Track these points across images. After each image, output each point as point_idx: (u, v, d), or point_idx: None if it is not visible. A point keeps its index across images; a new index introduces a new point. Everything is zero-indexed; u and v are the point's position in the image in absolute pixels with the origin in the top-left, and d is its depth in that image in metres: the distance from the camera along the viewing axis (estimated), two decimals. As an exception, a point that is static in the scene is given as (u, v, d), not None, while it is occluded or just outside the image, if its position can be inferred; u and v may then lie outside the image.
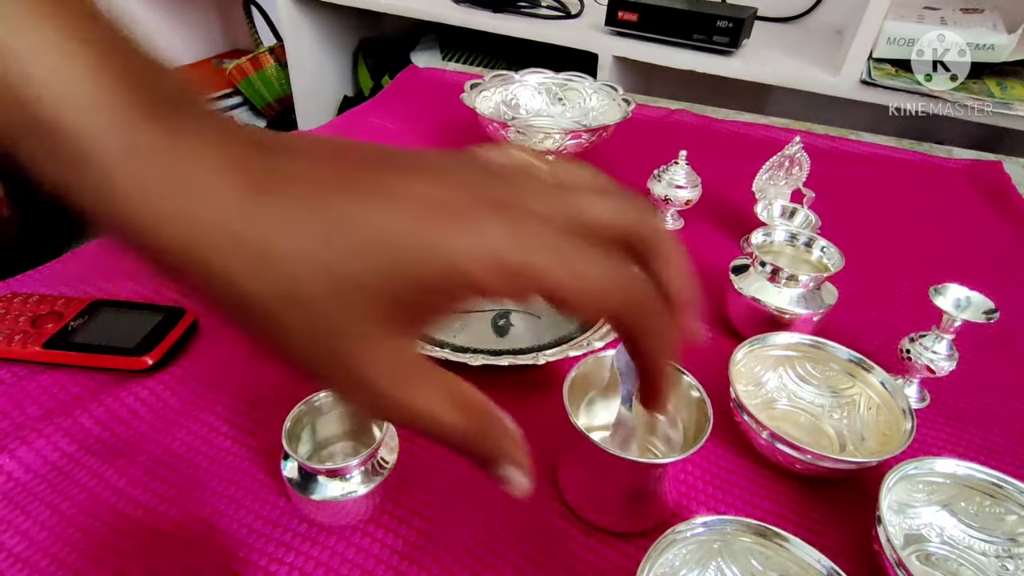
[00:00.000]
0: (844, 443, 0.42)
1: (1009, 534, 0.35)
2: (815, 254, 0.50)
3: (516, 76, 0.76)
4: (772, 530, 0.31)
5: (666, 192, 0.63)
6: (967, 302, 0.42)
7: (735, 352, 0.43)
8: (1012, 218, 0.71)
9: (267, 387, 0.43)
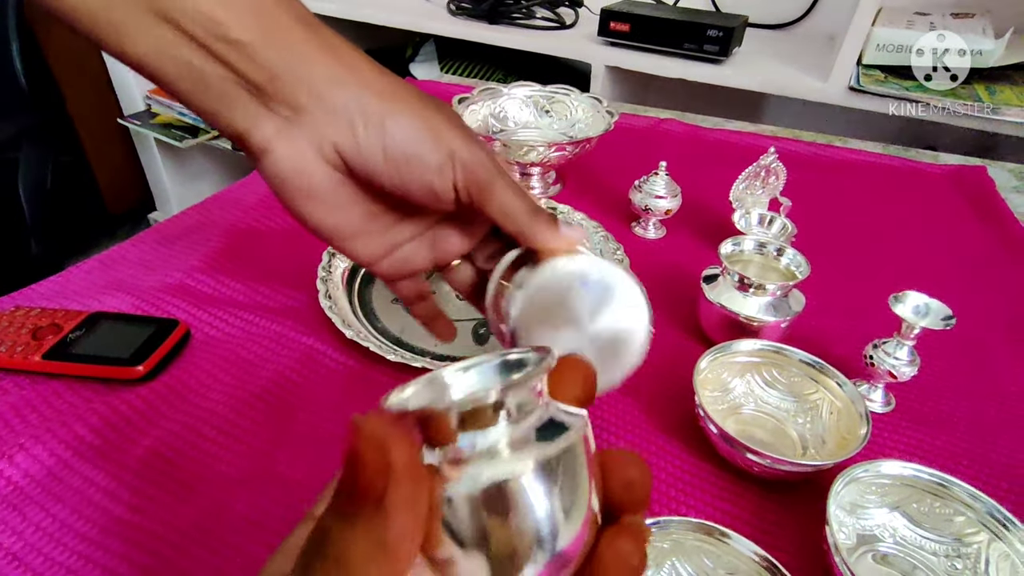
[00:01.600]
0: (806, 446, 0.43)
1: (957, 534, 0.36)
2: (783, 262, 0.51)
3: (504, 89, 0.78)
4: (714, 527, 0.33)
5: (646, 202, 0.64)
6: (926, 309, 0.44)
7: (700, 360, 0.44)
8: (993, 222, 0.72)
9: (253, 395, 0.45)
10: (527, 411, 0.18)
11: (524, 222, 0.28)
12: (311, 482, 0.39)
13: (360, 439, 0.14)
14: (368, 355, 0.48)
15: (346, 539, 0.15)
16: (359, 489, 0.14)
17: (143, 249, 0.60)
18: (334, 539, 0.15)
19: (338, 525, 0.15)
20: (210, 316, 0.52)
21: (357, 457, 0.14)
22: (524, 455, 0.17)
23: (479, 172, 0.28)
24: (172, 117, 1.62)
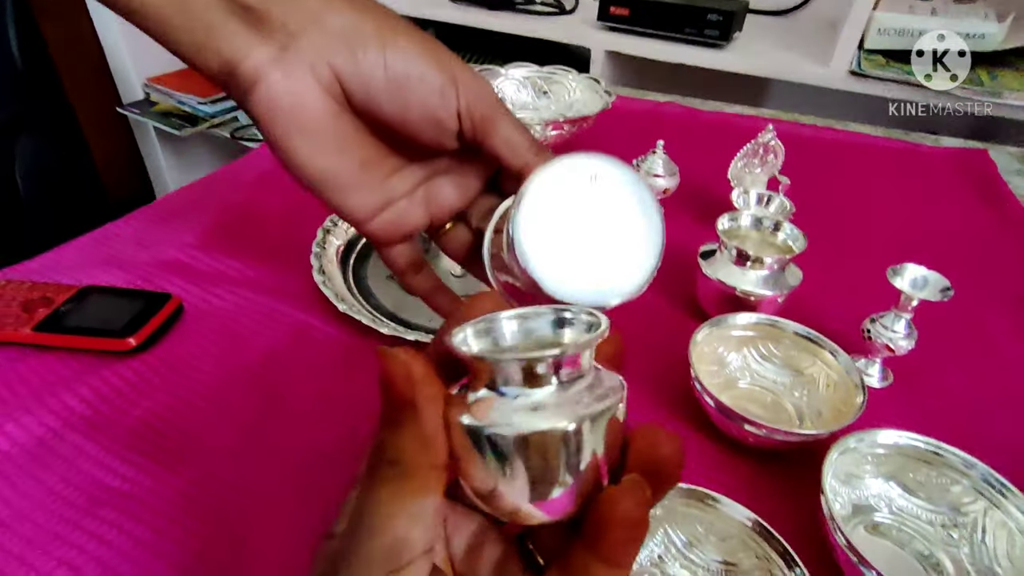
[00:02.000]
0: (802, 418, 0.43)
1: (953, 503, 0.36)
2: (780, 237, 0.51)
3: (501, 70, 0.77)
4: (705, 492, 0.32)
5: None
6: (924, 281, 0.43)
7: (695, 333, 0.44)
8: (994, 204, 0.71)
9: (245, 368, 0.45)
10: (574, 374, 0.19)
11: (528, 155, 0.27)
12: (300, 453, 0.39)
13: (387, 361, 0.18)
14: (361, 329, 0.47)
15: (395, 441, 0.18)
16: (395, 398, 0.18)
17: (136, 226, 0.60)
18: (387, 444, 0.19)
19: (386, 432, 0.19)
20: (203, 291, 0.51)
21: (387, 374, 0.18)
22: (563, 413, 0.18)
23: (483, 101, 0.27)
24: (171, 106, 1.61)
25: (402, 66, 0.26)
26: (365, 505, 0.19)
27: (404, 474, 0.18)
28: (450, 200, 0.31)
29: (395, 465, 0.18)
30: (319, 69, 0.26)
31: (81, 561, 0.33)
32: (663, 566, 0.33)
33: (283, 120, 0.27)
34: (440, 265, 0.57)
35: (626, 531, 0.17)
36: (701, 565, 0.33)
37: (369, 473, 0.19)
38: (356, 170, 0.29)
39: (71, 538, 0.34)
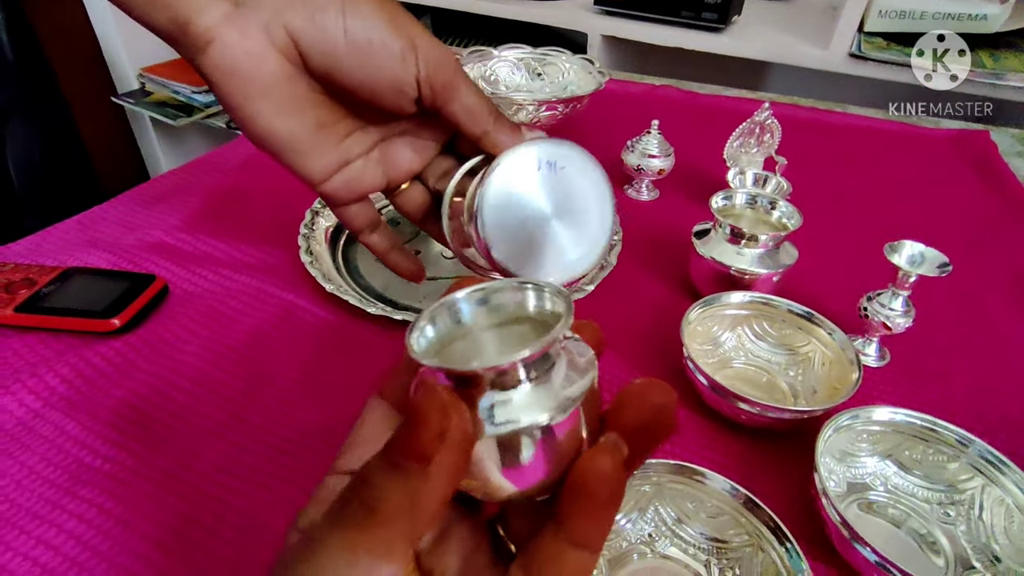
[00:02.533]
0: (797, 397, 0.42)
1: (950, 481, 0.35)
2: (775, 216, 0.50)
3: (495, 51, 0.76)
4: (691, 467, 0.32)
5: (639, 162, 0.63)
6: (921, 258, 0.42)
7: (688, 312, 0.43)
8: (994, 185, 0.70)
9: (230, 348, 0.44)
10: (547, 366, 0.18)
11: (487, 123, 0.27)
12: (285, 432, 0.38)
13: (427, 400, 0.15)
14: (348, 310, 0.47)
15: (384, 487, 0.15)
16: (412, 446, 0.15)
17: (122, 210, 0.59)
18: (373, 484, 0.16)
19: (381, 474, 0.15)
20: (189, 272, 0.50)
21: (421, 417, 0.15)
22: (541, 407, 0.17)
23: (443, 67, 0.27)
24: (166, 95, 1.60)
25: (362, 31, 0.26)
26: (321, 542, 0.16)
27: (375, 525, 0.15)
28: (407, 162, 0.31)
29: (369, 511, 0.15)
30: (274, 30, 0.25)
31: (60, 540, 0.32)
32: (653, 544, 0.33)
33: (238, 82, 0.26)
34: (432, 248, 0.57)
35: (601, 489, 0.16)
36: (692, 542, 0.32)
37: (334, 511, 0.16)
38: (311, 132, 0.28)
39: (50, 517, 0.33)
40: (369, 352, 0.44)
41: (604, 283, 0.49)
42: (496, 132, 0.27)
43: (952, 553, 0.33)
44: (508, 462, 0.17)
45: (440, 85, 0.27)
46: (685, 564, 0.32)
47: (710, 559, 0.32)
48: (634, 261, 0.55)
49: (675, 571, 0.32)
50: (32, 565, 0.31)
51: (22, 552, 0.31)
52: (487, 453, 0.17)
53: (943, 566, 0.33)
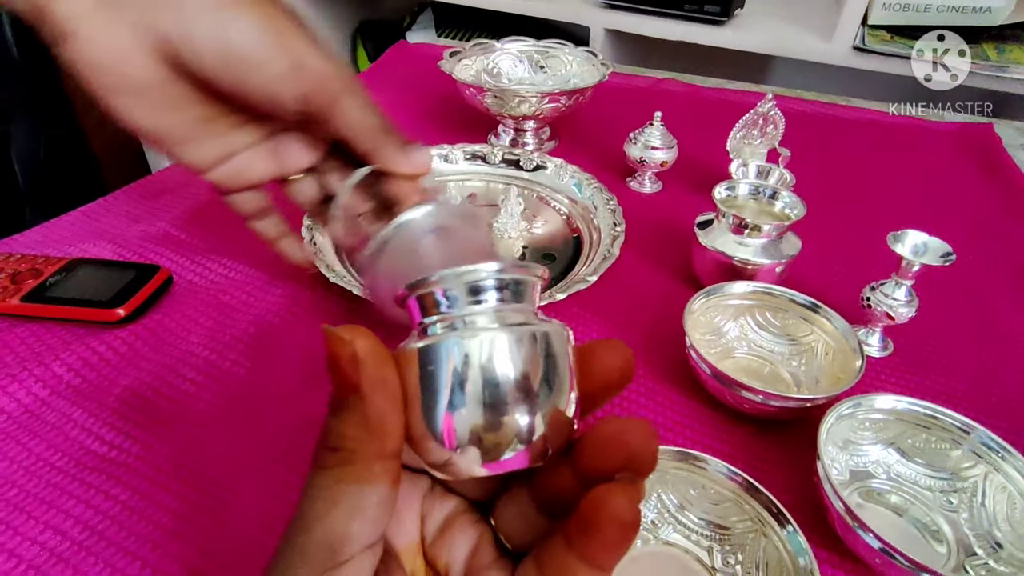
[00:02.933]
0: (800, 387, 0.42)
1: (953, 469, 0.35)
2: (778, 206, 0.50)
3: (497, 44, 0.76)
4: (691, 453, 0.32)
5: (641, 154, 0.63)
6: (925, 247, 0.42)
7: (691, 302, 0.43)
8: (997, 178, 0.70)
9: (234, 337, 0.44)
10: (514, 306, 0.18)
11: (373, 142, 0.26)
12: (289, 419, 0.38)
13: (331, 341, 0.16)
14: (352, 299, 0.47)
15: (338, 426, 0.17)
16: (337, 381, 0.16)
17: (127, 201, 0.59)
18: (329, 430, 0.17)
19: (330, 418, 0.17)
20: (193, 263, 0.51)
21: (331, 356, 0.16)
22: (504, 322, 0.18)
23: (327, 85, 0.26)
24: (168, 91, 1.61)
25: (239, 45, 0.24)
26: (303, 496, 0.17)
27: (344, 461, 0.16)
28: (298, 156, 0.30)
29: (335, 452, 0.17)
30: (143, 32, 0.24)
31: (67, 525, 0.32)
32: (656, 530, 0.33)
33: (102, 77, 0.25)
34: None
35: (616, 532, 0.16)
36: (694, 528, 0.33)
37: (312, 461, 0.17)
38: (192, 126, 0.27)
39: (57, 502, 0.33)
40: (373, 342, 0.44)
41: (607, 274, 0.49)
42: (382, 153, 0.27)
43: (954, 540, 0.33)
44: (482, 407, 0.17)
45: (320, 105, 0.26)
46: (688, 550, 0.32)
47: (713, 545, 0.32)
48: (637, 253, 0.55)
49: (678, 557, 0.32)
50: (40, 549, 0.31)
51: (30, 537, 0.32)
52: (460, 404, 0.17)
53: (945, 553, 0.33)
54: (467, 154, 0.66)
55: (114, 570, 0.30)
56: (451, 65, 0.70)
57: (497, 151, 0.66)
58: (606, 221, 0.56)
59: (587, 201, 0.60)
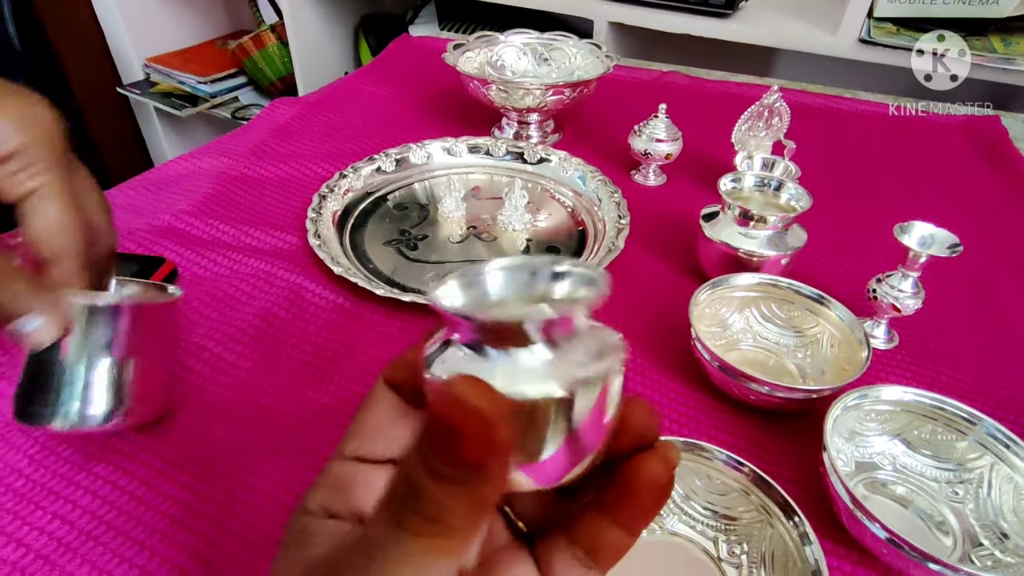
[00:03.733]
0: (805, 379, 0.42)
1: (959, 460, 0.35)
2: (784, 197, 0.49)
3: (501, 37, 0.76)
4: (702, 445, 0.32)
5: (646, 146, 0.63)
6: (931, 239, 0.42)
7: (696, 294, 0.43)
8: (1004, 170, 0.70)
9: (239, 330, 0.44)
10: (566, 335, 0.17)
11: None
12: (294, 411, 0.38)
13: (457, 405, 0.13)
14: (356, 291, 0.47)
15: (441, 499, 0.14)
16: (458, 459, 0.14)
17: (131, 195, 0.59)
18: (427, 497, 0.14)
19: (431, 483, 0.14)
20: (198, 256, 0.51)
21: (455, 424, 0.13)
22: (554, 377, 0.16)
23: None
24: (172, 86, 1.60)
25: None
26: (377, 547, 0.15)
27: (442, 535, 0.15)
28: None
29: (433, 523, 0.14)
30: None
31: (75, 515, 0.33)
32: (662, 521, 0.33)
33: None
34: (439, 233, 0.57)
35: (651, 494, 0.17)
36: (700, 519, 0.33)
37: (393, 512, 0.15)
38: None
39: (64, 493, 0.33)
40: (376, 334, 0.45)
41: (612, 267, 0.49)
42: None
43: (960, 531, 0.33)
44: (520, 447, 0.16)
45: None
46: (693, 540, 0.32)
47: (718, 535, 0.32)
48: (642, 245, 0.55)
49: (684, 547, 0.32)
50: (48, 539, 0.31)
51: (39, 527, 0.32)
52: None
53: (951, 544, 0.33)
54: (471, 147, 0.66)
55: (122, 559, 0.31)
56: (455, 58, 0.70)
57: (501, 144, 0.66)
58: (610, 214, 0.56)
59: (591, 194, 0.60)
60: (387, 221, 0.58)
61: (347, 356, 0.43)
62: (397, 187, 0.62)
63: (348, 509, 0.19)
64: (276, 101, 0.79)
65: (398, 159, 0.63)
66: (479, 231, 0.57)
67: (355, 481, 0.20)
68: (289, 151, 0.68)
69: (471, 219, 0.58)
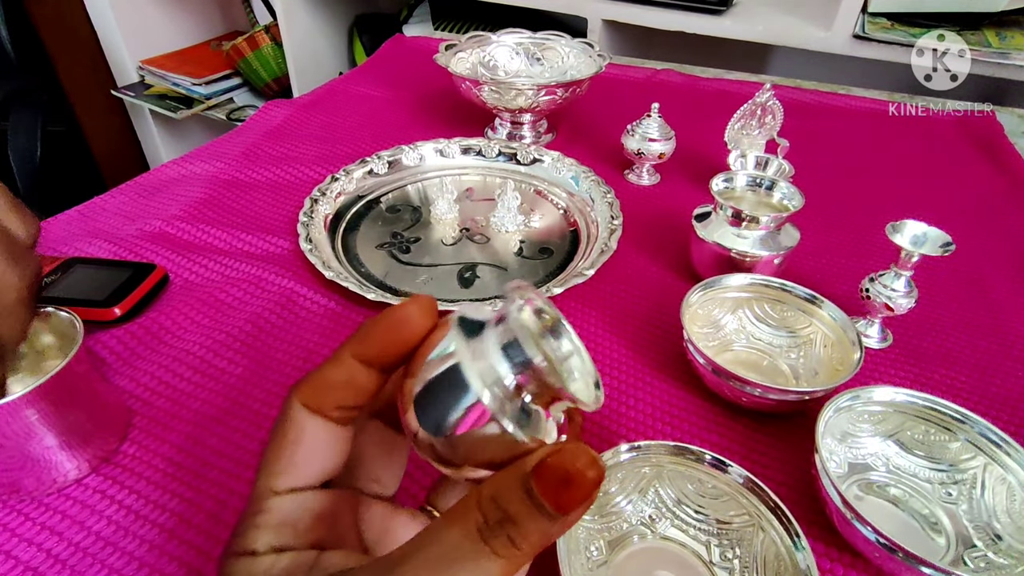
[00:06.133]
0: (798, 379, 0.42)
1: (952, 460, 0.35)
2: (776, 197, 0.49)
3: (493, 37, 0.76)
4: (694, 450, 0.31)
5: (639, 146, 0.62)
6: (924, 238, 0.42)
7: (688, 295, 0.43)
8: (999, 166, 0.69)
9: (231, 336, 0.44)
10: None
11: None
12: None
13: (585, 462, 0.16)
14: (348, 296, 0.47)
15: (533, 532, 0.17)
16: (569, 503, 0.16)
17: (122, 200, 0.59)
18: (524, 527, 0.17)
19: (531, 519, 0.17)
20: (189, 261, 0.51)
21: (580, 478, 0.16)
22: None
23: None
24: (166, 88, 1.60)
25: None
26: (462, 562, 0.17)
27: (515, 559, 0.17)
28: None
29: (514, 548, 0.17)
30: None
31: (64, 526, 0.32)
32: (654, 525, 0.33)
33: None
34: (431, 236, 0.56)
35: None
36: (692, 523, 0.32)
37: (481, 530, 0.17)
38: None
39: (54, 504, 0.33)
40: (369, 338, 0.44)
41: (604, 268, 0.49)
42: None
43: (953, 532, 0.33)
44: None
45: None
46: (685, 545, 0.32)
47: (711, 540, 0.32)
48: (634, 246, 0.55)
49: (676, 552, 0.32)
50: (37, 551, 0.31)
51: (27, 538, 0.32)
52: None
53: (944, 545, 0.33)
54: (463, 148, 0.66)
55: (111, 571, 0.30)
56: (447, 59, 0.70)
57: (494, 145, 0.65)
58: (604, 214, 0.56)
59: (584, 194, 0.60)
60: (379, 224, 0.57)
61: (339, 361, 0.42)
62: (389, 189, 0.62)
63: (303, 540, 0.19)
64: (269, 104, 0.78)
65: (390, 161, 0.63)
66: (472, 233, 0.57)
67: (303, 513, 0.20)
68: (281, 154, 0.68)
69: (464, 221, 0.58)
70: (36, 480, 0.33)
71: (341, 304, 0.47)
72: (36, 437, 0.31)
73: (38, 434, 0.31)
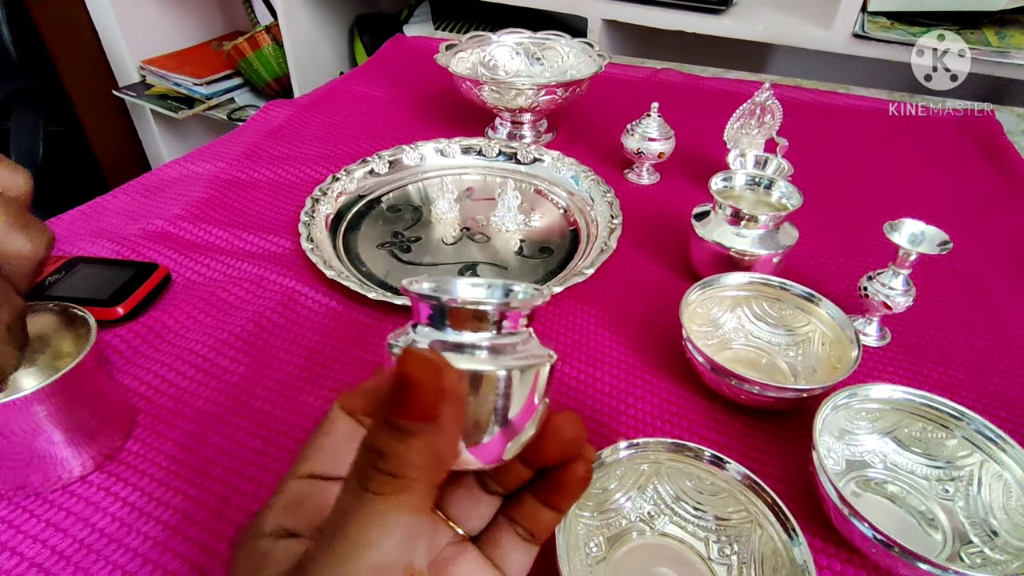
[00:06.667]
0: (796, 377, 0.42)
1: (949, 457, 0.35)
2: (775, 195, 0.50)
3: (493, 36, 0.76)
4: (692, 447, 0.32)
5: (639, 145, 0.63)
6: (922, 236, 0.42)
7: (687, 293, 0.43)
8: (998, 164, 0.70)
9: (233, 335, 0.44)
10: (511, 330, 0.21)
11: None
12: (287, 415, 0.39)
13: (413, 363, 0.16)
14: (349, 295, 0.47)
15: (401, 453, 0.16)
16: (415, 409, 0.16)
17: (125, 200, 0.59)
18: (389, 454, 0.16)
19: (390, 441, 0.16)
20: (191, 261, 0.51)
21: (412, 378, 0.16)
22: (499, 361, 0.20)
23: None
24: (167, 88, 1.60)
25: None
26: (348, 517, 0.16)
27: (403, 489, 0.16)
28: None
29: (394, 479, 0.16)
30: None
31: (68, 523, 0.33)
32: (652, 522, 0.33)
33: None
34: (432, 235, 0.57)
35: (578, 487, 0.22)
36: (691, 520, 0.33)
37: (359, 478, 0.17)
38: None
39: (59, 501, 0.34)
40: (369, 337, 0.45)
41: (604, 267, 0.49)
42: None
43: (950, 528, 0.33)
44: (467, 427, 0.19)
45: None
46: (684, 541, 0.32)
47: (709, 536, 0.32)
48: (634, 244, 0.55)
49: (674, 548, 0.32)
50: (42, 547, 0.31)
51: (32, 535, 0.32)
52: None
53: (941, 541, 0.33)
54: (464, 148, 0.66)
55: (115, 567, 0.31)
56: (447, 59, 0.70)
57: (494, 144, 0.66)
58: (603, 213, 0.56)
59: (584, 193, 0.60)
60: (380, 223, 0.58)
61: (340, 360, 0.43)
62: (390, 189, 0.62)
63: (306, 524, 0.20)
64: (270, 104, 0.79)
65: (391, 161, 0.64)
66: (473, 232, 0.57)
67: (311, 496, 0.21)
68: (283, 154, 0.68)
69: (465, 220, 0.58)
70: (42, 476, 0.33)
71: (342, 303, 0.47)
72: (43, 434, 0.31)
73: (45, 431, 0.31)
